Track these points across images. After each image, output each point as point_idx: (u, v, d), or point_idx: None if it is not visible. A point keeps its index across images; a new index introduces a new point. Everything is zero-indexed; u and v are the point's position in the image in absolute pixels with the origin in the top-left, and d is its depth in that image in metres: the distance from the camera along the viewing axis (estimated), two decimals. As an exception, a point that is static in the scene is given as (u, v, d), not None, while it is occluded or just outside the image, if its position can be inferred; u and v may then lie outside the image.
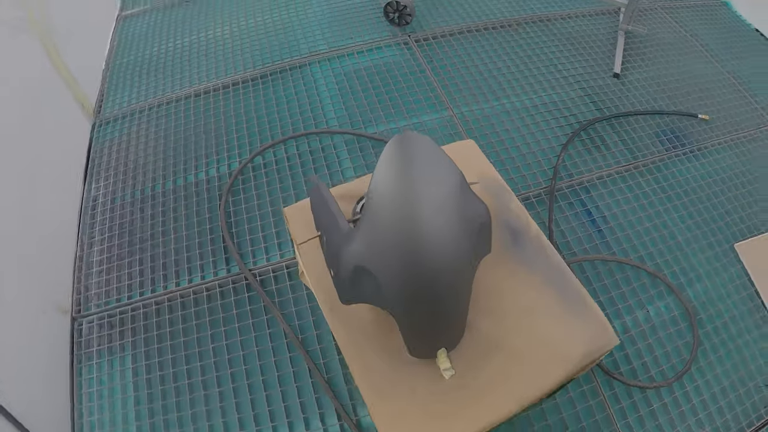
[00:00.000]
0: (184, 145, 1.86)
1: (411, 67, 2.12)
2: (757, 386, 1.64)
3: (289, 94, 1.99)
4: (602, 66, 2.27)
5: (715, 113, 2.20)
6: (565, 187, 1.86)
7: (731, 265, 1.83)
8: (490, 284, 1.01)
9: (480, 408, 0.91)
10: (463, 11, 2.37)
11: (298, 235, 1.09)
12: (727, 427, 1.52)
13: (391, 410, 0.90)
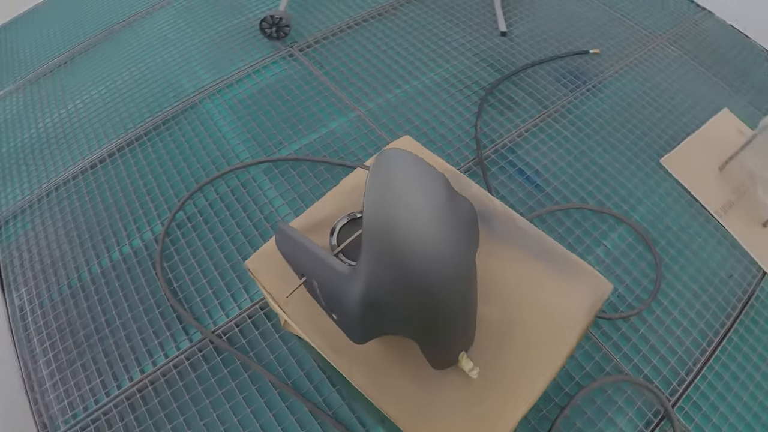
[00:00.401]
0: (97, 223, 1.73)
1: (303, 78, 2.09)
2: (722, 279, 1.78)
3: (189, 139, 1.91)
4: (487, 28, 2.35)
5: (605, 46, 2.35)
6: (491, 154, 1.92)
7: (664, 180, 1.97)
8: (479, 271, 1.02)
9: (515, 394, 0.92)
10: (337, 9, 2.37)
11: (275, 289, 1.04)
12: (711, 325, 1.65)
13: (438, 430, 0.90)
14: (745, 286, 1.77)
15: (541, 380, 0.96)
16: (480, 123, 1.98)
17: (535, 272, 1.07)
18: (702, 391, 1.57)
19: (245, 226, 1.70)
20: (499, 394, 0.92)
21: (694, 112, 2.19)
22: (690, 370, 1.60)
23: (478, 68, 2.18)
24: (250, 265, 1.09)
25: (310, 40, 2.22)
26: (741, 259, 1.84)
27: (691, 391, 1.57)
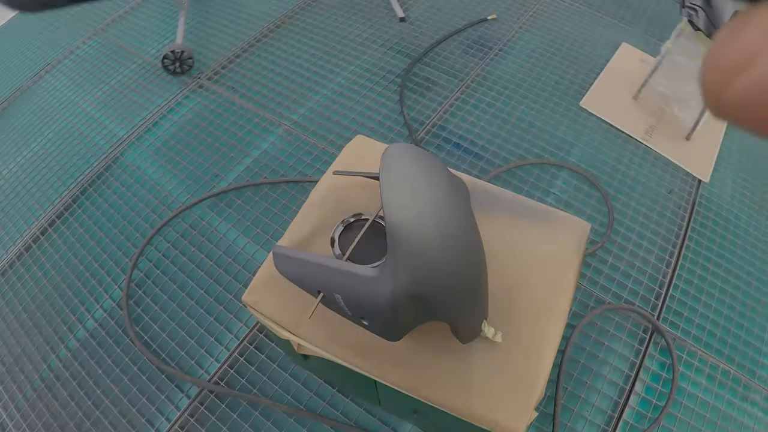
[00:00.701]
0: (50, 306, 1.59)
1: (220, 105, 2.03)
2: (665, 196, 1.90)
3: (122, 195, 1.81)
4: (386, 18, 2.37)
5: (500, 9, 2.43)
6: (425, 136, 1.94)
7: (587, 120, 2.07)
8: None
9: (538, 346, 0.95)
10: (233, 30, 2.31)
11: (284, 316, 1.00)
12: (667, 238, 1.77)
13: (495, 404, 0.90)
14: (686, 196, 1.90)
15: (556, 328, 0.98)
16: (405, 109, 2.00)
17: (519, 231, 1.09)
18: (678, 298, 1.68)
19: (206, 266, 1.63)
20: (524, 351, 0.94)
21: (597, 52, 2.31)
22: (662, 284, 1.71)
23: (389, 57, 2.20)
24: (248, 299, 1.03)
25: (215, 66, 2.15)
26: (675, 174, 1.97)
27: (669, 301, 1.68)
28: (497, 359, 0.93)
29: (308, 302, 0.96)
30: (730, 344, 1.62)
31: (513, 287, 1.00)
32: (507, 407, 0.90)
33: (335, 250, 0.90)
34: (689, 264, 1.75)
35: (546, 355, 0.95)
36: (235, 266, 1.63)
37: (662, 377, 1.53)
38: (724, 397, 1.53)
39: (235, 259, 1.65)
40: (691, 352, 1.59)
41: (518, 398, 0.91)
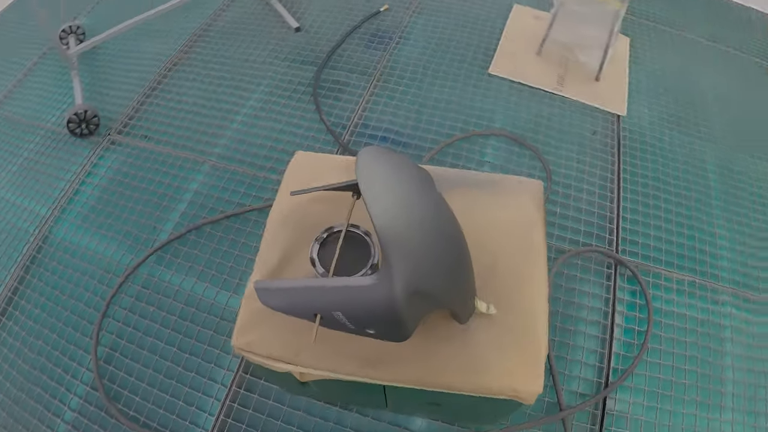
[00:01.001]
0: (20, 407, 1.46)
1: (138, 157, 1.95)
2: (590, 138, 1.98)
3: (63, 273, 1.69)
4: (281, 31, 2.34)
5: (391, 1, 2.46)
6: (351, 137, 1.93)
7: (500, 85, 2.13)
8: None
9: (530, 310, 0.97)
10: (131, 77, 2.21)
11: (282, 350, 0.96)
12: (590, 172, 1.87)
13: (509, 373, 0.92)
14: (610, 133, 2.00)
15: (541, 286, 1.01)
16: (324, 116, 1.99)
17: (480, 205, 1.10)
18: (629, 228, 1.77)
19: (171, 323, 1.57)
20: (519, 316, 0.96)
21: (492, 19, 2.38)
22: (612, 219, 1.79)
23: (294, 69, 2.17)
24: (240, 342, 0.99)
25: (123, 119, 2.06)
26: (594, 115, 2.06)
27: (622, 233, 1.76)
28: (497, 330, 0.95)
29: (303, 328, 0.94)
30: (688, 257, 1.73)
31: (491, 259, 1.02)
32: (521, 372, 0.92)
33: (318, 268, 0.88)
34: (630, 194, 1.85)
35: (540, 314, 0.98)
36: (201, 314, 1.57)
37: (637, 304, 1.62)
38: (697, 306, 1.63)
39: (198, 307, 1.59)
40: (655, 273, 1.68)
41: (528, 361, 0.93)
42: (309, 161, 1.21)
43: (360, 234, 0.94)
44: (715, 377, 1.52)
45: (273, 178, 1.83)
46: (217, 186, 1.84)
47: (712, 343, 1.58)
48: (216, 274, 1.65)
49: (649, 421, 1.43)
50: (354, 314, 0.82)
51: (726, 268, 1.74)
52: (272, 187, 1.81)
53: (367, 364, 0.94)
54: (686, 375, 1.51)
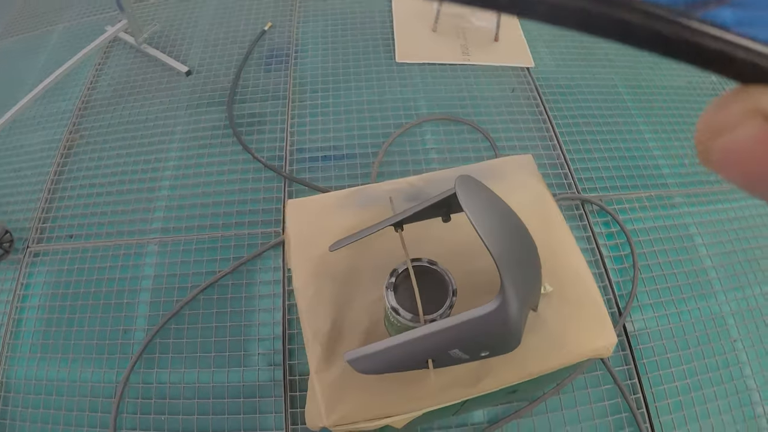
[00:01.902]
0: None
1: (71, 261, 1.68)
2: (510, 96, 2.03)
3: (36, 416, 1.42)
4: (174, 78, 2.13)
5: (268, 16, 2.33)
6: (293, 167, 1.82)
7: (411, 71, 2.09)
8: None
9: (577, 271, 1.01)
10: (26, 175, 1.90)
11: (388, 408, 0.89)
12: (536, 119, 1.92)
13: (585, 338, 0.95)
14: (527, 86, 2.05)
15: (575, 252, 1.04)
16: (255, 153, 1.84)
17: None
18: (577, 166, 1.84)
19: (185, 426, 1.39)
20: (571, 285, 0.99)
21: (377, 10, 2.32)
22: (561, 164, 1.84)
23: (202, 114, 1.99)
24: (332, 420, 0.87)
25: (35, 225, 1.76)
26: (507, 74, 2.09)
27: (575, 173, 1.82)
28: (558, 305, 0.97)
29: (385, 381, 0.89)
30: (636, 175, 1.84)
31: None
32: (593, 334, 0.95)
33: (404, 315, 0.81)
34: (566, 135, 1.91)
35: (586, 276, 1.01)
36: (209, 403, 1.40)
37: (613, 233, 1.70)
38: (661, 215, 1.75)
39: (206, 395, 1.41)
40: (617, 200, 1.77)
41: (596, 321, 0.97)
42: (304, 207, 1.11)
43: (425, 266, 0.87)
44: (699, 269, 1.66)
45: (234, 234, 1.66)
46: (175, 263, 1.64)
47: (685, 242, 1.72)
48: (214, 355, 1.47)
49: (666, 327, 1.54)
50: (471, 345, 0.80)
51: (669, 174, 1.87)
52: (239, 244, 1.65)
53: (475, 383, 0.91)
54: (677, 277, 1.64)
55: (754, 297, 1.66)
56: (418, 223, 0.97)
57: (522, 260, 0.80)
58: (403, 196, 1.13)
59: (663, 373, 1.50)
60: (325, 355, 0.93)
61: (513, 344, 0.84)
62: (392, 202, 1.06)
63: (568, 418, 1.41)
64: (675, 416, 1.43)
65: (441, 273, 0.88)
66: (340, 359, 0.92)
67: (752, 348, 1.58)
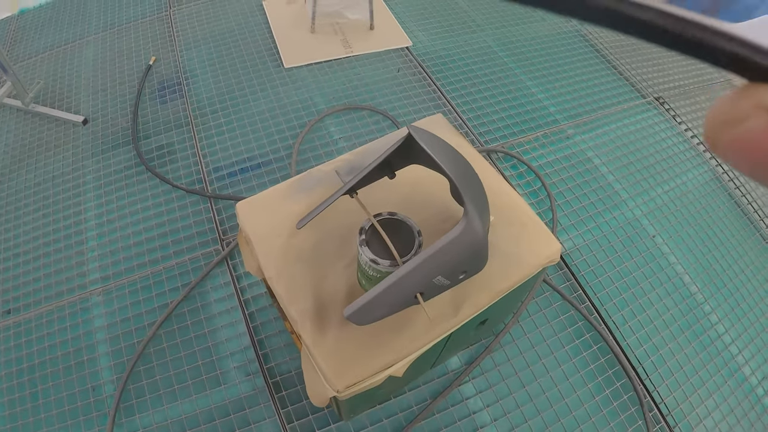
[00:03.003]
0: None
1: (18, 335, 1.57)
2: (397, 75, 2.15)
3: None
4: (70, 131, 2.04)
5: (148, 50, 2.29)
6: (215, 188, 1.81)
7: (302, 73, 2.15)
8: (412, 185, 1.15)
9: (510, 197, 1.12)
10: None
11: (387, 358, 0.94)
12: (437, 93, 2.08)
13: (539, 248, 1.06)
14: (410, 63, 2.17)
15: (505, 184, 1.16)
16: (174, 182, 1.82)
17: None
18: (477, 124, 1.98)
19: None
20: (509, 211, 1.11)
21: (254, 23, 2.36)
22: (466, 131, 1.97)
23: (113, 158, 1.93)
24: (341, 385, 0.91)
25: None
26: (390, 57, 2.21)
27: (475, 129, 1.97)
28: (505, 229, 1.09)
29: (379, 333, 0.95)
30: (527, 119, 2.03)
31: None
32: (542, 244, 1.08)
33: (383, 264, 0.87)
34: (457, 98, 2.07)
35: (520, 202, 1.14)
36: (202, 430, 1.38)
37: (522, 172, 1.87)
38: (560, 147, 1.95)
39: (195, 423, 1.39)
40: (518, 144, 1.94)
41: (540, 234, 1.10)
42: (253, 204, 1.14)
43: (387, 217, 0.94)
44: (604, 185, 1.89)
45: (176, 263, 1.65)
46: (124, 306, 1.60)
47: (586, 165, 1.93)
48: (188, 385, 1.45)
49: (591, 240, 1.74)
50: (451, 269, 0.86)
51: (557, 111, 2.07)
52: (183, 271, 1.63)
53: (456, 311, 0.99)
54: (588, 196, 1.86)
55: (659, 196, 1.91)
56: (368, 187, 1.03)
57: (473, 186, 0.88)
58: (344, 171, 1.19)
59: (602, 279, 1.68)
60: (316, 328, 0.97)
61: (483, 261, 0.93)
62: (339, 174, 1.13)
63: (534, 340, 1.54)
64: (624, 313, 1.61)
65: (402, 220, 0.95)
66: (330, 328, 0.97)
67: (671, 239, 1.80)
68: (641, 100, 2.19)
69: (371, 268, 0.91)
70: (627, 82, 2.25)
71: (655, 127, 2.10)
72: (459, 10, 2.50)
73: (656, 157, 1.99)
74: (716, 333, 1.62)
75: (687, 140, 2.07)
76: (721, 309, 1.66)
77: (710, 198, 1.93)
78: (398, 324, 0.96)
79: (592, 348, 1.53)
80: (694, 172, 1.99)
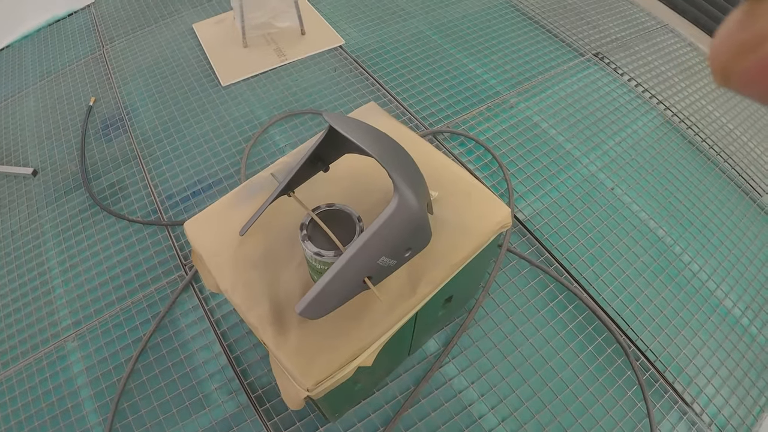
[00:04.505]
0: None
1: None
2: (332, 74, 2.15)
3: None
4: (18, 186, 1.97)
5: (89, 91, 2.24)
6: (171, 216, 1.78)
7: (240, 88, 2.11)
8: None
9: (457, 174, 1.12)
10: None
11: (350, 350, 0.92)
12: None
13: (487, 216, 1.05)
14: (344, 60, 2.15)
15: (444, 158, 1.16)
16: (130, 216, 1.78)
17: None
18: (420, 108, 1.98)
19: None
20: (455, 184, 1.11)
21: (187, 47, 2.32)
22: (410, 118, 1.96)
23: (67, 204, 1.88)
24: (310, 384, 0.89)
25: None
26: (324, 58, 2.19)
27: (419, 114, 1.96)
28: (451, 202, 1.08)
29: (342, 320, 0.94)
30: (468, 96, 2.04)
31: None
32: (490, 210, 1.08)
33: (328, 255, 0.87)
34: (396, 87, 2.07)
35: (461, 172, 1.14)
36: None
37: (471, 148, 1.86)
38: (505, 118, 1.95)
39: None
40: (463, 121, 1.93)
41: (488, 201, 1.10)
42: (200, 221, 1.11)
43: (325, 209, 0.93)
44: (555, 146, 1.90)
45: (143, 296, 1.61)
46: (99, 347, 1.56)
47: (534, 131, 1.93)
48: (178, 409, 1.42)
49: (550, 203, 1.75)
50: (393, 247, 0.85)
51: (497, 84, 2.07)
52: (151, 302, 1.60)
53: (413, 291, 0.98)
54: (540, 160, 1.86)
55: (612, 149, 1.92)
56: (305, 184, 1.04)
57: (402, 162, 0.87)
58: (280, 173, 1.17)
59: (567, 239, 1.68)
60: (276, 331, 0.95)
61: (426, 235, 0.92)
62: (275, 176, 1.11)
63: (508, 310, 1.53)
64: (594, 268, 1.61)
65: (341, 209, 0.94)
66: (292, 329, 0.95)
67: (631, 189, 1.81)
68: (580, 59, 2.20)
69: (317, 261, 0.90)
70: (563, 43, 2.26)
71: (598, 82, 2.11)
72: (387, 0, 2.50)
73: (603, 111, 2.00)
74: (691, 272, 1.63)
75: (632, 89, 2.08)
76: (692, 248, 1.67)
77: (663, 142, 1.94)
78: (357, 313, 0.94)
79: (567, 308, 1.53)
80: (643, 119, 2.00)
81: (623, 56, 2.22)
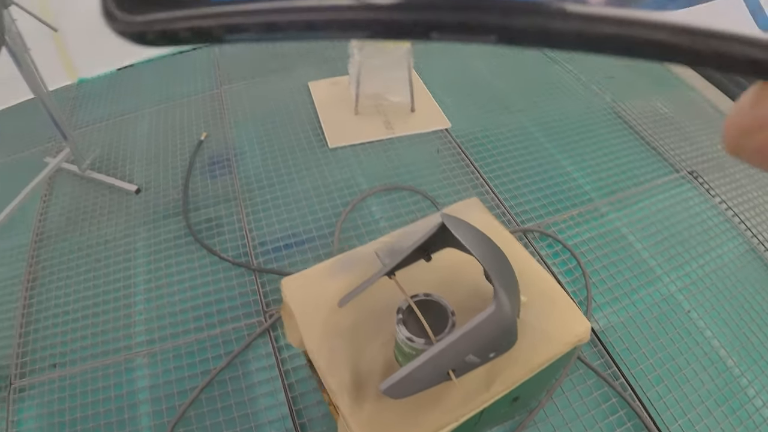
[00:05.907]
0: None
1: (63, 390, 1.72)
2: (435, 155, 2.35)
3: None
4: (123, 199, 2.26)
5: (201, 128, 2.55)
6: (260, 263, 1.99)
7: (345, 153, 2.36)
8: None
9: (541, 276, 1.24)
10: None
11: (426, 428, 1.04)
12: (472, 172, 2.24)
13: (568, 327, 1.16)
14: (449, 144, 2.41)
15: (533, 262, 1.32)
16: (221, 253, 2.02)
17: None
18: (509, 197, 2.14)
19: None
20: (541, 289, 1.25)
21: (300, 104, 2.63)
22: (501, 210, 2.13)
23: (163, 227, 2.16)
24: None
25: (14, 360, 1.82)
26: (430, 138, 2.46)
27: (507, 202, 2.13)
28: (536, 308, 1.21)
29: (413, 407, 1.06)
30: (562, 198, 2.18)
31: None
32: (571, 322, 1.20)
33: (418, 342, 1.02)
34: (494, 179, 2.25)
35: (550, 280, 1.29)
36: None
37: (557, 251, 1.99)
38: (594, 226, 2.08)
39: None
40: (554, 223, 2.07)
41: (569, 312, 1.22)
42: (298, 281, 1.33)
43: (423, 298, 1.10)
44: (639, 261, 1.97)
45: (220, 332, 1.81)
46: (168, 369, 1.78)
47: (621, 243, 2.03)
48: None
49: (626, 318, 1.82)
50: (480, 348, 1.00)
51: (591, 189, 2.22)
52: (227, 339, 1.80)
53: (488, 387, 1.11)
54: (622, 273, 1.97)
55: (694, 271, 2.03)
56: (405, 269, 1.18)
57: (503, 271, 1.03)
58: (383, 252, 1.36)
59: (636, 355, 1.79)
60: (353, 399, 1.10)
61: (512, 340, 1.06)
62: (379, 256, 1.29)
63: (567, 417, 1.65)
64: (659, 388, 1.71)
65: (437, 301, 1.11)
66: (367, 401, 1.10)
67: (707, 314, 1.91)
68: (675, 175, 2.36)
69: (407, 345, 1.07)
70: (660, 157, 2.44)
71: (690, 201, 2.26)
72: (495, 90, 2.77)
73: (690, 232, 2.14)
74: (754, 407, 1.70)
75: (721, 213, 2.21)
76: (759, 381, 1.75)
77: (746, 270, 2.05)
78: (432, 398, 1.10)
79: (626, 424, 1.64)
80: (729, 244, 2.12)
81: (717, 177, 2.36)
